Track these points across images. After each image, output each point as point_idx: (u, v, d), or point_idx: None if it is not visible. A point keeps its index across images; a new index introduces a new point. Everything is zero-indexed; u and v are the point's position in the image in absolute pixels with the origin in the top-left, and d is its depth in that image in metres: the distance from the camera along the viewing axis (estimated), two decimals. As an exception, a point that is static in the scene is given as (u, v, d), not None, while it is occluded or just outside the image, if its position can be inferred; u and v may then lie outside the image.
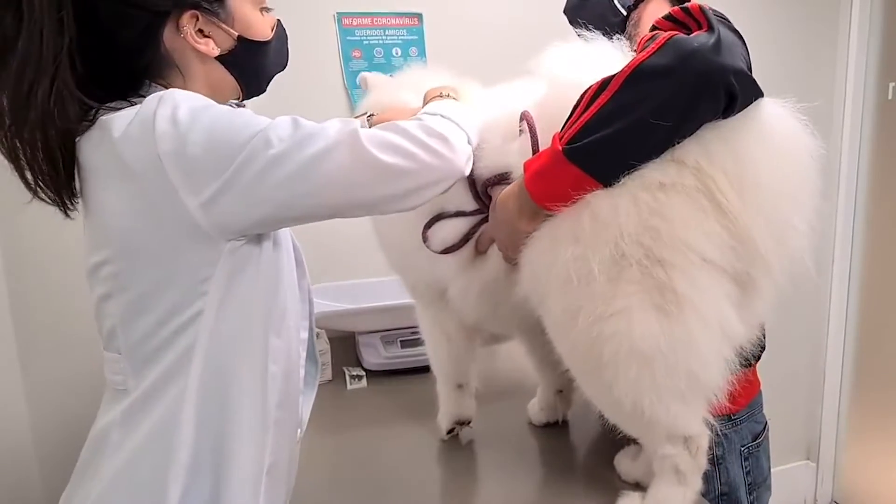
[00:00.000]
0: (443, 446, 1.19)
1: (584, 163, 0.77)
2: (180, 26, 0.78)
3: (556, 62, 0.89)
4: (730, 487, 1.13)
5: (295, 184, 0.71)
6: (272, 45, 0.87)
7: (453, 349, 1.14)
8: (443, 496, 1.09)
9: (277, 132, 0.72)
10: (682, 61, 0.72)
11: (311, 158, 0.72)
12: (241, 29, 0.82)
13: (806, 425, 2.54)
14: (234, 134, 0.71)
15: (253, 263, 0.77)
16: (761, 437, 1.18)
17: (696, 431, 0.85)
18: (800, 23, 2.21)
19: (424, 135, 0.78)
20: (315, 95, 1.76)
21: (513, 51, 1.17)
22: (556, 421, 1.24)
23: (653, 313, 0.77)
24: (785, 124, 0.79)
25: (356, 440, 1.24)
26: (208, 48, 0.80)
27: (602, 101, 0.75)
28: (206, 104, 0.73)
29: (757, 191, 0.76)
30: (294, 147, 0.71)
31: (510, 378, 1.42)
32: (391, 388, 1.49)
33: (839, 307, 2.41)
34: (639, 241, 0.76)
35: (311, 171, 0.72)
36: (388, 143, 0.76)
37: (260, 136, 0.71)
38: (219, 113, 0.72)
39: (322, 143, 0.72)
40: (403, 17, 1.82)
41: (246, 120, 0.72)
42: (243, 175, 0.70)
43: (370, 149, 0.74)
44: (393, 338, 1.58)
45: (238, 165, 0.70)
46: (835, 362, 2.45)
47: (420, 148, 0.77)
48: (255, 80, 0.89)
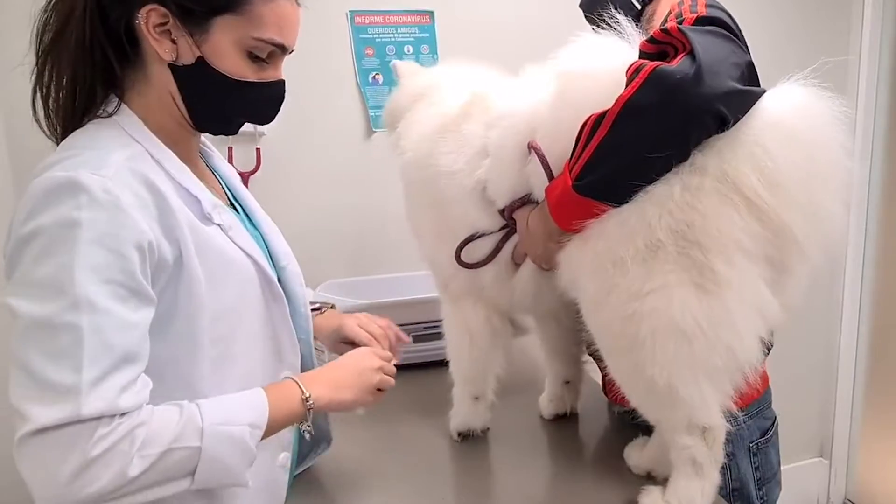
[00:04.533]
0: (455, 440, 1.20)
1: (594, 195, 0.82)
2: (139, 15, 0.77)
3: (565, 57, 0.91)
4: (740, 483, 1.14)
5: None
6: (245, 90, 0.82)
7: (475, 350, 1.15)
8: (455, 489, 1.10)
9: (48, 342, 0.65)
10: (666, 98, 0.75)
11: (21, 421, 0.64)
12: (208, 54, 0.79)
13: (819, 422, 2.53)
14: (28, 274, 0.67)
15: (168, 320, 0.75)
16: (770, 433, 1.17)
17: (716, 423, 0.86)
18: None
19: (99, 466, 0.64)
20: (328, 93, 1.78)
21: (524, 48, 1.18)
22: (565, 412, 1.26)
23: (692, 290, 0.79)
24: (798, 110, 0.80)
25: (369, 433, 1.25)
26: (161, 48, 0.78)
27: (599, 137, 0.80)
28: (48, 224, 0.68)
29: (787, 184, 0.77)
30: (25, 385, 0.65)
31: (521, 374, 1.43)
32: (404, 382, 1.48)
33: (852, 302, 2.39)
34: (673, 230, 0.79)
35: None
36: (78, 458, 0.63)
37: (30, 319, 0.66)
38: (39, 240, 0.68)
39: (35, 410, 0.63)
40: (415, 14, 1.83)
41: (55, 278, 0.66)
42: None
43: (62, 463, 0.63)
44: (405, 333, 1.59)
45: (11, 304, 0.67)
46: (848, 358, 2.43)
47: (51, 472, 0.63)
48: (207, 109, 0.83)
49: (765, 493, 1.17)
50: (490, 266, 1.05)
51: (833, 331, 2.44)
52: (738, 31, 0.85)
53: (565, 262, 0.90)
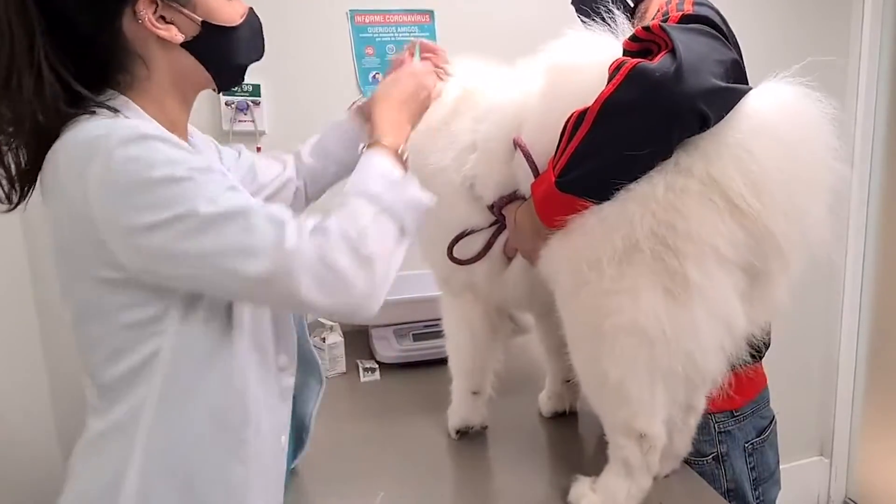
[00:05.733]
0: (453, 438, 1.21)
1: (576, 192, 0.82)
2: (137, 12, 0.75)
3: (555, 51, 0.91)
4: (736, 483, 1.14)
5: (209, 275, 0.69)
6: (241, 32, 0.83)
7: (475, 344, 1.16)
8: (454, 486, 1.11)
9: (218, 224, 0.68)
10: (646, 96, 0.75)
11: (240, 277, 0.68)
12: (204, 14, 0.79)
13: (819, 421, 2.53)
14: (167, 201, 0.67)
15: (204, 311, 0.75)
16: (767, 432, 1.18)
17: (655, 432, 0.87)
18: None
19: (351, 264, 0.71)
20: (328, 92, 1.78)
21: (522, 47, 1.18)
22: (564, 411, 1.26)
23: (661, 294, 0.80)
24: (783, 110, 0.80)
25: (369, 431, 1.26)
26: (171, 34, 0.77)
27: (581, 134, 0.80)
28: (144, 158, 0.67)
29: (773, 189, 0.77)
30: (225, 254, 0.68)
31: (521, 372, 1.44)
32: (404, 380, 1.51)
33: (852, 302, 2.39)
34: (654, 232, 0.79)
35: (236, 285, 0.70)
36: (319, 277, 0.70)
37: (192, 219, 0.67)
38: (155, 172, 0.67)
39: (255, 268, 0.67)
40: (415, 13, 1.83)
41: (187, 189, 0.68)
42: (166, 248, 0.68)
43: (301, 289, 0.69)
44: (406, 331, 1.60)
45: (165, 238, 0.67)
46: (848, 357, 2.43)
47: (342, 292, 0.71)
48: (226, 68, 0.85)
49: (761, 493, 1.17)
50: (482, 261, 1.06)
51: (833, 330, 2.44)
52: (726, 29, 0.84)
53: (546, 256, 0.91)
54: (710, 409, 1.03)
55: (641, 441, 0.87)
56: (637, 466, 0.89)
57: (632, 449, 0.88)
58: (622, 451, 0.89)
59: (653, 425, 0.86)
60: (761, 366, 1.18)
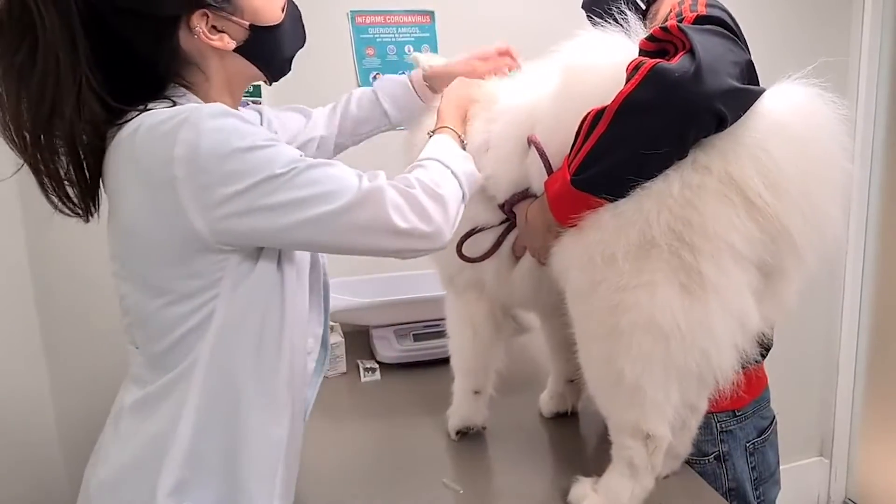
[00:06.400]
0: (453, 439, 1.21)
1: (592, 190, 0.83)
2: (192, 27, 0.79)
3: (569, 52, 0.92)
4: (737, 483, 1.14)
5: (307, 228, 0.75)
6: (285, 27, 0.87)
7: (478, 343, 1.16)
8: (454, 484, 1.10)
9: (305, 176, 0.74)
10: (665, 96, 0.75)
11: (331, 213, 0.75)
12: (251, 17, 0.83)
13: (819, 421, 2.53)
14: (255, 166, 0.72)
15: (257, 274, 0.79)
16: (767, 433, 1.18)
17: (661, 433, 0.87)
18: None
19: (429, 200, 0.82)
20: (329, 93, 1.78)
21: (524, 48, 1.18)
22: (566, 411, 1.26)
23: (677, 290, 0.80)
24: (800, 111, 0.80)
25: (370, 431, 1.26)
26: (224, 43, 0.81)
27: (598, 133, 0.80)
28: (231, 129, 0.73)
29: (790, 188, 0.77)
30: (317, 197, 0.74)
31: (522, 372, 1.44)
32: (404, 380, 1.51)
33: (852, 302, 2.39)
34: (671, 227, 0.79)
35: (328, 223, 0.75)
36: (401, 207, 0.79)
37: (282, 177, 0.73)
38: (242, 141, 0.72)
39: (346, 199, 0.75)
40: (416, 14, 1.83)
41: (271, 154, 0.73)
42: (257, 206, 0.72)
43: (389, 211, 0.77)
44: (406, 331, 1.60)
45: (255, 198, 0.72)
46: (848, 357, 2.43)
47: (422, 219, 0.81)
48: (277, 63, 0.90)
49: (762, 493, 1.17)
50: (491, 259, 1.06)
51: (833, 330, 2.44)
52: (738, 30, 0.85)
53: (558, 253, 0.91)
54: (712, 409, 1.04)
55: (647, 441, 0.87)
56: (641, 467, 0.89)
57: (637, 449, 0.88)
58: (627, 451, 0.89)
59: (661, 426, 0.86)
60: (763, 365, 1.19)
